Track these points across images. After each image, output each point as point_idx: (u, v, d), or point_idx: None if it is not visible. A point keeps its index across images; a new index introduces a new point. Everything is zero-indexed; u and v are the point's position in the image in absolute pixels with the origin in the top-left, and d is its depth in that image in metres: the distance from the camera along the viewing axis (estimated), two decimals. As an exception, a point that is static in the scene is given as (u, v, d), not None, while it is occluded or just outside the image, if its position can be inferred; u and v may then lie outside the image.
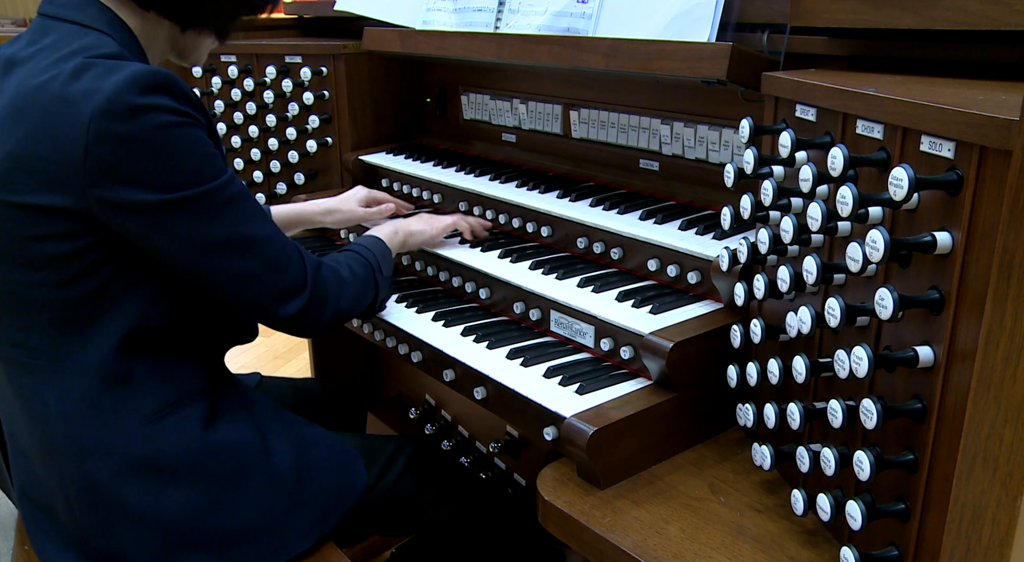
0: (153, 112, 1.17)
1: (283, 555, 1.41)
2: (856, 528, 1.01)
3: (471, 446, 2.39)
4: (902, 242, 0.92)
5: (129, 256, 1.27)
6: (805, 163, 1.09)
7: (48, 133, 1.18)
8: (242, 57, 2.42)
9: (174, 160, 1.20)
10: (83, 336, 1.28)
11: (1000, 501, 0.93)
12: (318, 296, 1.37)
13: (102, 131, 1.16)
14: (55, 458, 1.34)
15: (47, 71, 1.20)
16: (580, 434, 1.25)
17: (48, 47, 1.25)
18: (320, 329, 1.41)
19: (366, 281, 1.51)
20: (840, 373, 1.01)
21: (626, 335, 1.43)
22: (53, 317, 1.27)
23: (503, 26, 1.97)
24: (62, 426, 1.31)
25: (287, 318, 1.35)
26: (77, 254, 1.23)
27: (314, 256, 1.42)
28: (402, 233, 1.75)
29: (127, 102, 1.16)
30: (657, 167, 1.88)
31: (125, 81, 1.16)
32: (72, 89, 1.17)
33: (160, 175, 1.20)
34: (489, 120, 2.30)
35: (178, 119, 1.20)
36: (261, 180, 2.44)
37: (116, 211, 1.21)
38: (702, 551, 1.15)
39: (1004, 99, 0.94)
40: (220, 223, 1.26)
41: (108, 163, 1.17)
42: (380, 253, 1.61)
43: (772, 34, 1.53)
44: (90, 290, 1.26)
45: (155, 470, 1.33)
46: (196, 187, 1.22)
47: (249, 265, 1.29)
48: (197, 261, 1.26)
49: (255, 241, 1.29)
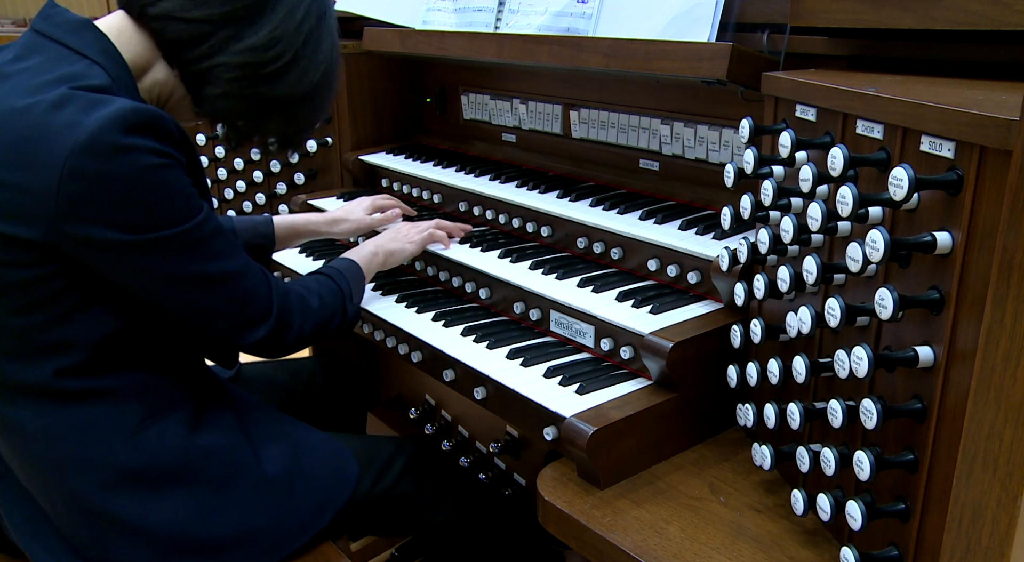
0: (134, 153, 1.14)
1: (278, 553, 1.41)
2: (856, 528, 1.01)
3: (471, 446, 2.39)
4: (902, 242, 0.92)
5: (96, 283, 1.24)
6: (805, 163, 1.09)
7: (22, 161, 1.14)
8: (242, 57, 2.41)
9: (150, 203, 1.18)
10: (51, 357, 1.26)
11: (1000, 501, 0.93)
12: (282, 323, 1.38)
13: (78, 167, 1.13)
14: (39, 476, 1.33)
15: (29, 95, 1.17)
16: (580, 434, 1.25)
17: (34, 68, 1.21)
18: (283, 353, 1.43)
19: (334, 309, 1.52)
20: (840, 373, 1.01)
21: (626, 335, 1.43)
22: (18, 342, 1.25)
23: (503, 26, 1.97)
24: (42, 445, 1.30)
25: (250, 344, 1.37)
26: (41, 281, 1.21)
27: (283, 283, 1.43)
28: (381, 254, 1.75)
29: (109, 141, 1.13)
30: (657, 167, 1.88)
31: (109, 118, 1.13)
32: (53, 119, 1.14)
33: (134, 217, 1.18)
34: (489, 120, 2.30)
35: (159, 160, 1.17)
36: (261, 180, 2.44)
37: (84, 246, 1.18)
38: (702, 551, 1.15)
39: (1004, 99, 0.94)
40: (191, 261, 1.25)
41: (81, 199, 1.14)
42: (354, 280, 1.61)
43: (772, 34, 1.53)
44: (56, 315, 1.23)
45: (142, 480, 1.32)
46: (169, 229, 1.20)
47: (217, 300, 1.30)
48: (164, 295, 1.26)
49: (224, 277, 1.29)
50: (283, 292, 1.40)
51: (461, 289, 1.80)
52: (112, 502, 1.31)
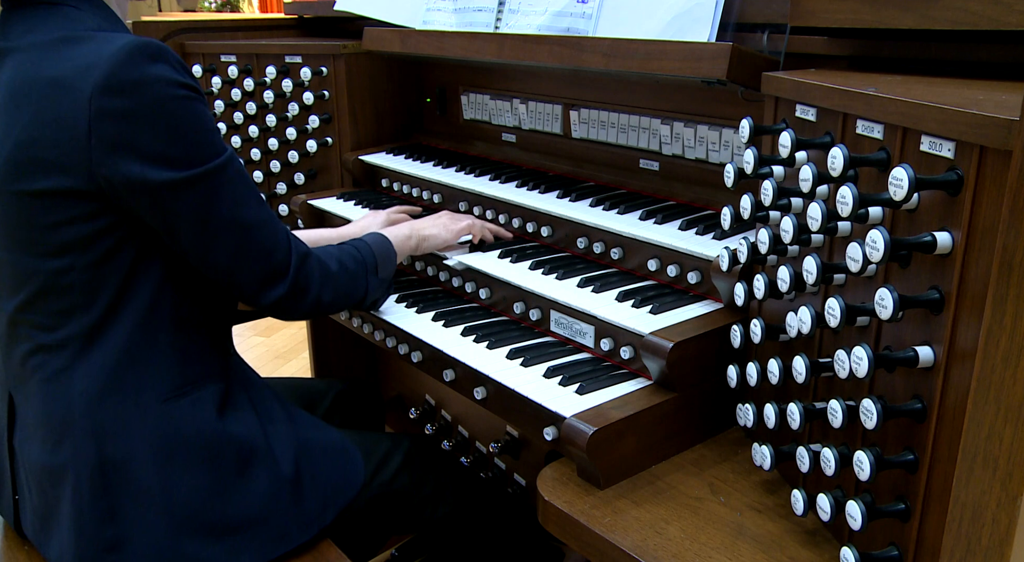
0: (153, 84, 1.17)
1: (283, 546, 1.42)
2: (856, 528, 1.01)
3: (471, 446, 2.39)
4: (902, 242, 0.92)
5: (146, 233, 1.28)
6: (805, 163, 1.09)
7: (50, 117, 1.17)
8: (242, 57, 2.42)
9: (178, 133, 1.20)
10: (112, 315, 1.30)
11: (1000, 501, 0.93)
12: (300, 285, 1.39)
13: (103, 108, 1.15)
14: (70, 438, 1.34)
15: (38, 55, 1.20)
16: (580, 434, 1.25)
17: (26, 31, 1.24)
18: (299, 316, 1.44)
19: (355, 277, 1.52)
20: (840, 373, 1.01)
21: (626, 335, 1.43)
22: (83, 300, 1.29)
23: (503, 26, 1.97)
24: (83, 406, 1.32)
25: (266, 304, 1.38)
26: (97, 236, 1.25)
27: (304, 244, 1.43)
28: (416, 237, 1.74)
29: (125, 76, 1.15)
30: (657, 167, 1.88)
31: (119, 54, 1.16)
32: (66, 69, 1.16)
33: (164, 149, 1.20)
34: (489, 120, 2.30)
35: (180, 92, 1.20)
36: (261, 180, 2.44)
37: (122, 188, 1.21)
38: (702, 551, 1.15)
39: (1004, 99, 0.94)
40: (222, 203, 1.27)
41: (112, 139, 1.17)
42: (382, 254, 1.60)
43: (772, 34, 1.53)
44: (115, 270, 1.27)
45: (168, 450, 1.34)
46: (202, 165, 1.23)
47: (241, 246, 1.31)
48: (194, 238, 1.28)
49: (251, 224, 1.31)
50: (303, 253, 1.41)
51: (461, 289, 1.80)
52: (136, 469, 1.33)
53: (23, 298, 1.32)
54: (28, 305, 1.32)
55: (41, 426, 1.38)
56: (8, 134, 1.21)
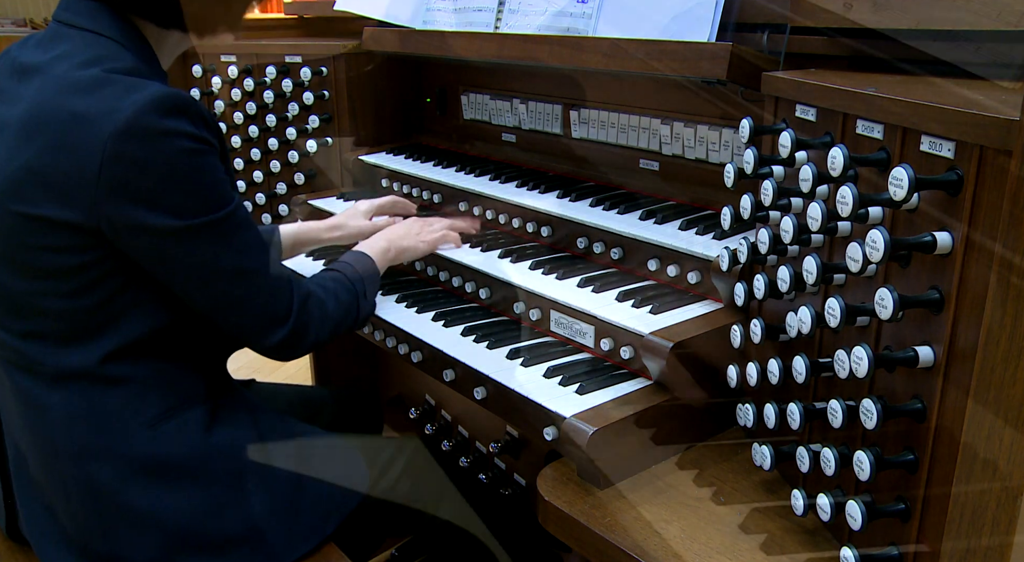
0: (172, 137, 1.18)
1: (285, 558, 1.41)
2: (856, 528, 1.01)
3: (471, 446, 2.39)
4: (902, 242, 0.92)
5: (135, 269, 1.27)
6: (805, 163, 1.09)
7: (65, 148, 1.18)
8: (242, 57, 2.42)
9: (188, 188, 1.21)
10: (88, 343, 1.29)
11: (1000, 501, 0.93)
12: (299, 328, 1.39)
13: (119, 152, 1.16)
14: (56, 461, 1.34)
15: (65, 83, 1.20)
16: (580, 434, 1.25)
17: (63, 56, 1.24)
18: (297, 357, 1.44)
19: (348, 308, 1.53)
20: (840, 373, 1.01)
21: (626, 335, 1.43)
22: (59, 325, 1.28)
23: (503, 26, 1.97)
24: (64, 430, 1.31)
25: (267, 347, 1.38)
26: (84, 267, 1.24)
27: (304, 285, 1.43)
28: (393, 250, 1.75)
29: (147, 125, 1.16)
30: (657, 167, 1.88)
31: (145, 103, 1.16)
32: (91, 105, 1.17)
33: (172, 201, 1.20)
34: (489, 120, 2.30)
35: (196, 146, 1.21)
36: (261, 180, 2.44)
37: (124, 231, 1.21)
38: (702, 551, 1.15)
39: (1004, 99, 0.94)
40: (223, 251, 1.27)
41: (121, 183, 1.18)
42: (369, 278, 1.62)
43: (772, 34, 1.52)
44: (97, 301, 1.27)
45: (157, 472, 1.33)
46: (205, 216, 1.23)
47: (243, 294, 1.31)
48: (194, 285, 1.28)
49: (253, 271, 1.31)
50: (304, 296, 1.41)
51: (461, 289, 1.80)
52: (125, 492, 1.32)
53: (1, 313, 1.31)
54: (6, 321, 1.31)
55: (28, 445, 1.38)
56: (19, 153, 1.21)
